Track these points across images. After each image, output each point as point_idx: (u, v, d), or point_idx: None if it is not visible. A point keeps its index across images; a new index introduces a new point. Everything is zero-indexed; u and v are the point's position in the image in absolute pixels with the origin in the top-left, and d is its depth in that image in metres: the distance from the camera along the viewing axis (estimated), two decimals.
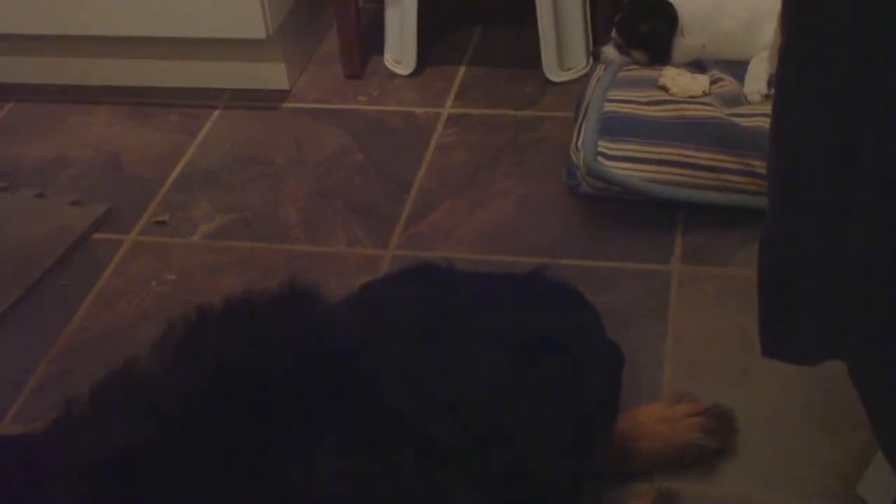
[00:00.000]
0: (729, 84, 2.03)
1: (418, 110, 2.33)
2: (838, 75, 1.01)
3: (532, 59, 2.36)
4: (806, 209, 1.12)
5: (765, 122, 1.80)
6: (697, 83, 2.01)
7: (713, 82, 2.04)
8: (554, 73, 2.36)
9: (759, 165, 1.83)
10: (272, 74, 2.41)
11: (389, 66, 2.47)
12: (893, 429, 1.19)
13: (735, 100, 2.00)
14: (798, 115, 1.07)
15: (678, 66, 2.08)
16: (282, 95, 2.41)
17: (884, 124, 0.99)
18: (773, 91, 1.13)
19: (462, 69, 2.45)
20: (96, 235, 2.03)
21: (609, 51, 2.13)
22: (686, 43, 2.08)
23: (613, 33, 2.13)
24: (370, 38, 2.50)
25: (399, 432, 1.11)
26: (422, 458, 1.10)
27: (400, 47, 2.43)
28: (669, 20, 2.07)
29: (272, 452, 1.08)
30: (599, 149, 1.90)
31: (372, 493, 1.07)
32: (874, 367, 1.15)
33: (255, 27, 2.28)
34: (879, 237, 1.05)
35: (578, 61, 2.38)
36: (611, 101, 1.98)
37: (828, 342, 1.20)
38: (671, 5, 2.08)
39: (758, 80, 2.01)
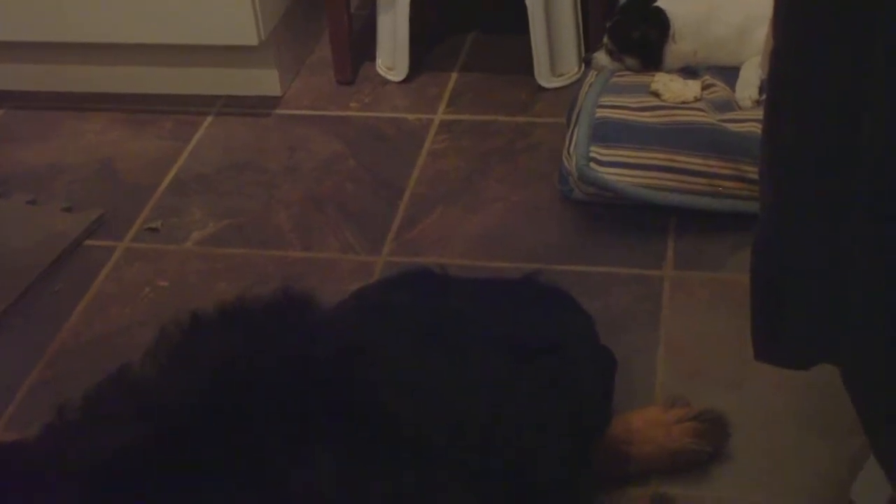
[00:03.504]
0: (720, 90, 2.04)
1: (410, 116, 2.33)
2: (835, 75, 1.01)
3: (524, 65, 2.37)
4: (799, 213, 1.12)
5: (756, 128, 1.81)
6: (689, 89, 2.02)
7: (705, 88, 2.04)
8: (546, 79, 2.36)
9: (751, 170, 1.84)
10: (265, 81, 2.41)
11: (382, 73, 2.47)
12: (886, 433, 1.19)
13: (727, 105, 2.00)
14: (792, 118, 1.07)
15: (670, 71, 2.08)
16: (274, 102, 2.41)
17: (883, 124, 0.99)
18: (764, 96, 1.14)
19: (454, 75, 2.45)
20: (89, 242, 2.03)
21: (601, 57, 2.14)
22: (678, 49, 2.09)
23: (605, 39, 2.13)
24: (362, 45, 2.50)
25: (395, 436, 1.11)
26: (418, 461, 1.10)
27: (392, 53, 2.43)
28: (661, 26, 2.07)
29: (267, 458, 1.08)
30: (592, 154, 1.91)
31: (369, 498, 1.07)
32: (869, 371, 1.16)
33: (247, 34, 2.28)
34: (879, 240, 1.05)
35: (570, 67, 2.39)
36: (603, 106, 1.98)
37: (821, 346, 1.20)
38: (663, 11, 2.08)
39: (749, 85, 2.02)
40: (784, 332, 1.21)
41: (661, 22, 2.07)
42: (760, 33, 2.02)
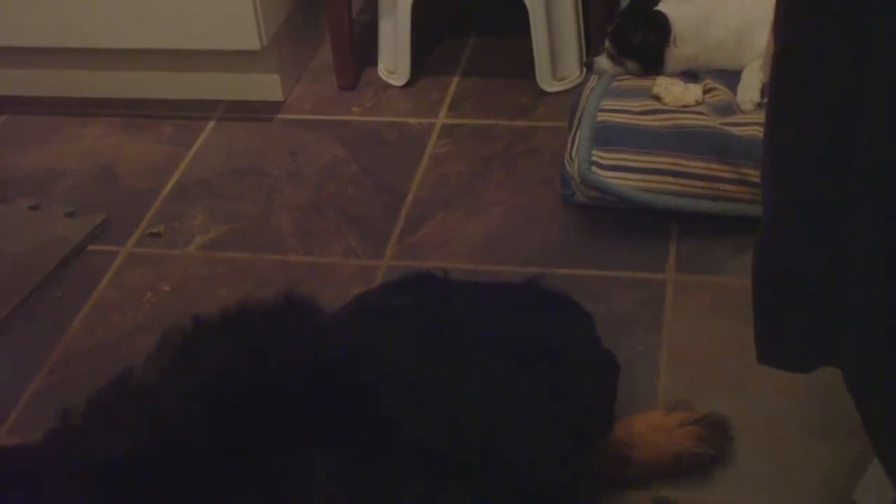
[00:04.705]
0: (722, 93, 2.04)
1: (412, 121, 2.33)
2: (835, 75, 1.02)
3: (525, 69, 2.37)
4: (800, 213, 1.12)
5: (758, 131, 1.81)
6: (690, 92, 2.02)
7: (706, 91, 2.04)
8: (547, 83, 2.36)
9: (753, 174, 1.84)
10: (267, 86, 2.42)
11: (383, 77, 2.47)
12: (889, 436, 1.19)
13: (728, 109, 2.00)
14: (792, 118, 1.07)
15: (671, 75, 2.08)
16: (276, 107, 2.41)
17: (883, 124, 0.99)
18: (765, 99, 1.14)
19: (456, 79, 2.45)
20: (91, 247, 2.03)
21: (602, 61, 2.13)
22: (679, 53, 2.09)
23: (606, 43, 2.13)
24: (364, 49, 2.50)
25: (396, 440, 1.11)
26: (419, 464, 1.10)
27: (394, 58, 2.43)
28: (662, 30, 2.07)
29: (268, 461, 1.08)
30: (593, 158, 1.91)
31: (369, 500, 1.07)
32: (871, 373, 1.15)
33: (249, 39, 2.28)
34: (879, 240, 1.05)
35: (572, 71, 2.39)
36: (604, 110, 1.98)
37: (823, 349, 1.20)
38: (664, 15, 2.08)
39: (750, 88, 2.02)
40: (786, 335, 1.21)
41: (661, 26, 2.07)
42: (761, 36, 2.02)
